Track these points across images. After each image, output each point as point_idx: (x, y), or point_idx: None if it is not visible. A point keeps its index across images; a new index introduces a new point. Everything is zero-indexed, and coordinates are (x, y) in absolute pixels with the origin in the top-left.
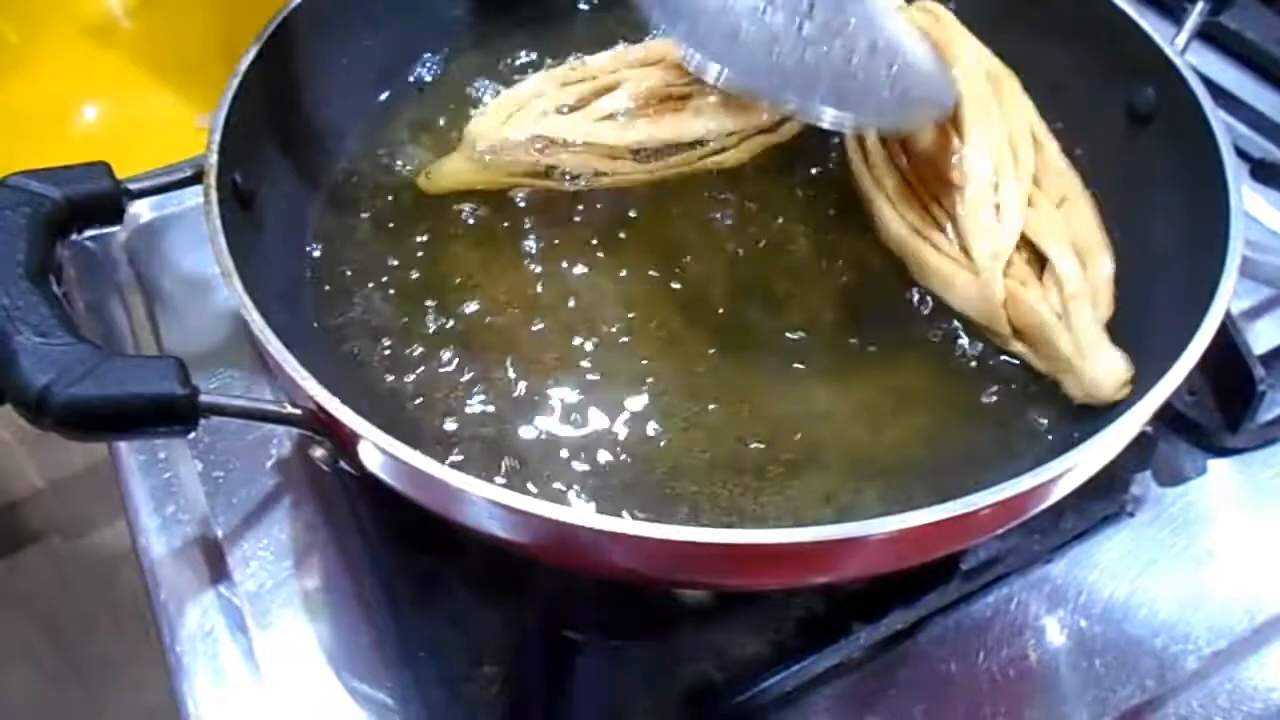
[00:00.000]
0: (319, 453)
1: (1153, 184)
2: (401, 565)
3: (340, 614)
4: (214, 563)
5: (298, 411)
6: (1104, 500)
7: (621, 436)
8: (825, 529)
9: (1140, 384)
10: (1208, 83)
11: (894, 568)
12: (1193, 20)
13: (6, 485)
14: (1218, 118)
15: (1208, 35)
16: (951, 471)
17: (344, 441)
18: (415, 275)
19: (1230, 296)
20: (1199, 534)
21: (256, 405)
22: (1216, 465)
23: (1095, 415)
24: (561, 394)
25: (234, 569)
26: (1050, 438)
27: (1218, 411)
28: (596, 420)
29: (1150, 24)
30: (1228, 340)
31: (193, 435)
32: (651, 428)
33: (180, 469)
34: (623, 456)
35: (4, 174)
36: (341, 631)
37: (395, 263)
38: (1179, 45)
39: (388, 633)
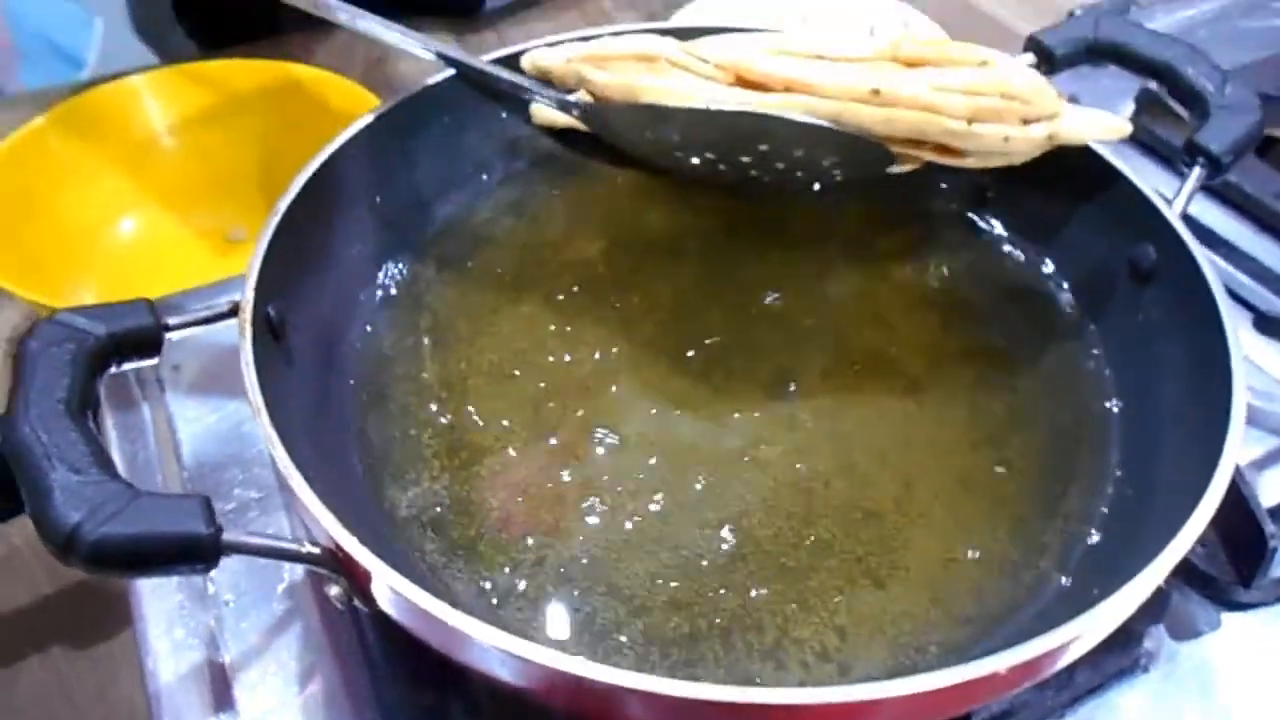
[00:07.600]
0: (334, 591)
1: (1157, 340)
2: (407, 699)
3: None
4: (218, 689)
5: (317, 550)
6: (1118, 654)
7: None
8: (834, 690)
9: (1154, 541)
10: (1210, 234)
11: None
12: (1189, 185)
13: (15, 593)
14: (1215, 276)
15: (1209, 188)
16: (961, 623)
17: (359, 581)
18: (444, 420)
19: (1238, 451)
20: (1215, 689)
21: (277, 544)
22: (1231, 619)
23: (1109, 570)
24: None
25: (239, 696)
26: (1063, 589)
27: (1230, 565)
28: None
29: (1152, 178)
30: (1236, 495)
31: None
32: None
33: (190, 593)
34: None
35: (42, 284)
36: None
37: (425, 403)
38: (1178, 207)
39: None
